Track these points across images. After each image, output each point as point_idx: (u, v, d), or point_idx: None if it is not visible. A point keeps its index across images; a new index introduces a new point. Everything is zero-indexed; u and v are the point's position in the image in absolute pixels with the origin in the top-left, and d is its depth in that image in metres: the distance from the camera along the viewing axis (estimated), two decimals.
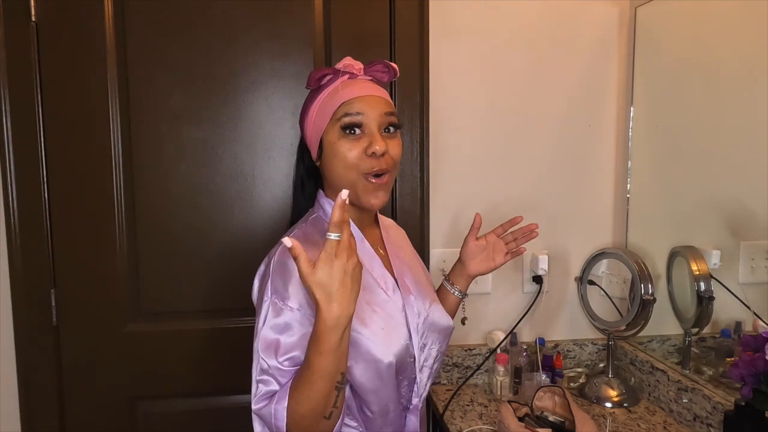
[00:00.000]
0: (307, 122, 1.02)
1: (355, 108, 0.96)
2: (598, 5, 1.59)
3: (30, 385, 1.44)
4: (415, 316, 1.05)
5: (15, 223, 1.39)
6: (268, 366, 0.91)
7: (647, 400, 1.48)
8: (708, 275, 1.33)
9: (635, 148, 1.60)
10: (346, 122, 0.96)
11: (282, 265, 0.94)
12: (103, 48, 1.39)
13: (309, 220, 1.05)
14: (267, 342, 0.92)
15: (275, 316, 0.92)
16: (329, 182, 1.03)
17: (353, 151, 0.96)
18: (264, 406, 0.89)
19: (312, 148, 1.03)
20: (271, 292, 0.93)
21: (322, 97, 1.00)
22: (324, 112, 0.99)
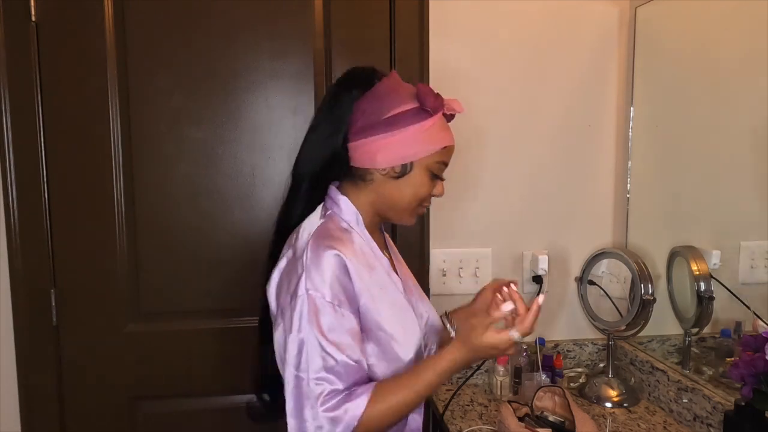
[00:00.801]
0: (396, 135, 1.00)
1: (447, 158, 1.06)
2: (598, 5, 1.59)
3: (30, 385, 1.44)
4: (419, 317, 1.07)
5: (15, 223, 1.39)
6: (336, 362, 0.92)
7: (647, 400, 1.48)
8: (708, 275, 1.33)
9: (635, 148, 1.60)
10: (438, 170, 1.05)
11: (319, 260, 0.94)
12: (103, 48, 1.39)
13: (326, 216, 1.04)
14: (327, 338, 0.92)
15: (322, 312, 0.92)
16: (382, 195, 1.04)
17: (429, 189, 1.06)
18: (336, 405, 0.90)
19: (385, 161, 1.01)
20: (307, 288, 0.93)
21: (428, 125, 1.01)
22: (429, 143, 1.02)
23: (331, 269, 0.94)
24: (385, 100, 1.01)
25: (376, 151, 1.01)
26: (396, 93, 1.02)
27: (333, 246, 0.96)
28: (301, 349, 0.92)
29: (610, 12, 1.60)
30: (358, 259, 0.99)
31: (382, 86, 1.03)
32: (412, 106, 1.01)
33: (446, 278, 1.59)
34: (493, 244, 1.62)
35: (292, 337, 0.93)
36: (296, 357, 0.93)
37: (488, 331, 0.94)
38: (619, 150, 1.64)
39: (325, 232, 0.99)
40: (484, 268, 1.61)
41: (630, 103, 1.60)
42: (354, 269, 0.96)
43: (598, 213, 1.66)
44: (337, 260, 0.95)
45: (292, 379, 0.93)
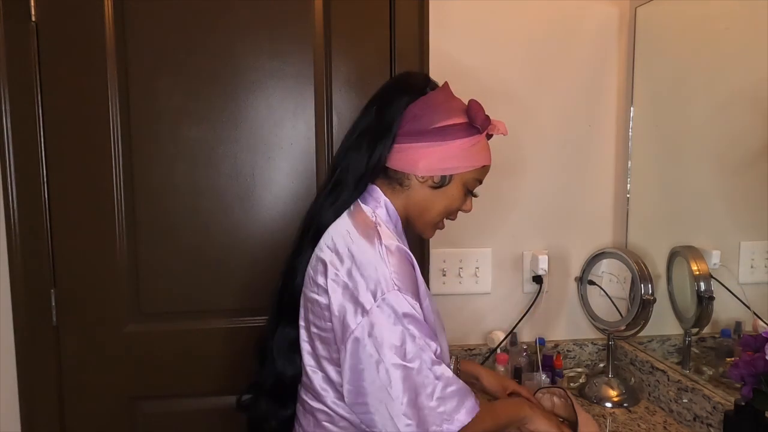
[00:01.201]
0: (442, 146, 1.03)
1: (483, 177, 1.10)
2: (598, 5, 1.59)
3: (30, 385, 1.44)
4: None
5: (15, 223, 1.39)
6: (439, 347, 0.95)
7: (647, 400, 1.48)
8: (708, 275, 1.33)
9: (635, 148, 1.60)
10: (473, 186, 1.10)
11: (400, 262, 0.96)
12: (103, 48, 1.39)
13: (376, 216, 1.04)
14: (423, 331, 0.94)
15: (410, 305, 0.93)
16: (419, 205, 1.07)
17: (461, 204, 1.09)
18: (453, 404, 0.94)
19: (426, 169, 1.04)
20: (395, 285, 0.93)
21: (473, 141, 1.05)
22: (472, 159, 1.06)
23: (405, 266, 0.96)
24: (437, 110, 1.04)
25: (420, 158, 1.03)
26: (448, 104, 1.05)
27: (402, 247, 0.98)
28: (404, 340, 0.92)
29: (610, 12, 1.60)
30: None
31: (435, 95, 1.06)
32: (462, 120, 1.04)
33: (446, 278, 1.59)
34: (493, 244, 1.62)
35: (390, 332, 0.92)
36: (400, 349, 0.92)
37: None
38: (619, 150, 1.64)
39: (387, 231, 1.01)
40: (484, 268, 1.61)
41: (630, 103, 1.60)
42: (418, 270, 1.00)
43: (598, 213, 1.66)
44: (409, 258, 0.98)
45: (400, 371, 0.91)
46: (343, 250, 0.98)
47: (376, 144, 1.03)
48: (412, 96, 1.04)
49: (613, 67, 1.62)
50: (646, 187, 1.58)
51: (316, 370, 1.03)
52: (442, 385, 0.93)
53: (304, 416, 1.08)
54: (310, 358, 1.04)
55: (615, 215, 1.67)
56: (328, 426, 1.03)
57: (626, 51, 1.61)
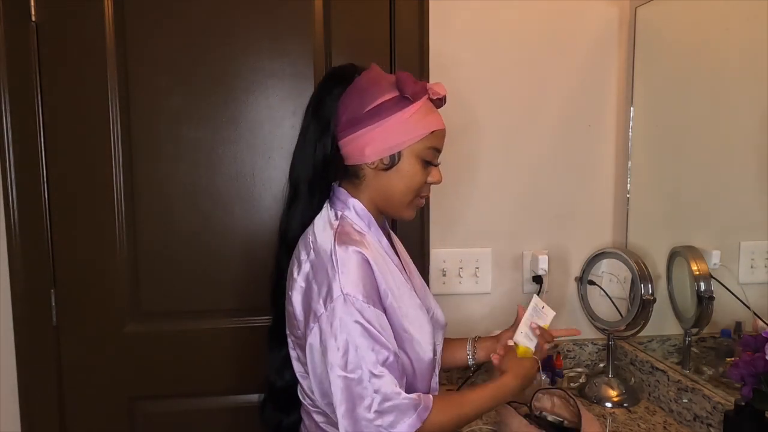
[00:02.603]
0: (380, 126, 0.99)
1: (438, 143, 1.04)
2: (598, 5, 1.59)
3: (30, 385, 1.44)
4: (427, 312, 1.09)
5: (15, 223, 1.39)
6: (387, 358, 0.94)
7: (647, 400, 1.48)
8: (708, 275, 1.33)
9: (635, 148, 1.60)
10: (431, 157, 1.04)
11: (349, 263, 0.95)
12: (103, 48, 1.39)
13: (340, 218, 1.03)
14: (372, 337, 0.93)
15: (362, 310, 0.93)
16: (377, 190, 1.04)
17: (423, 178, 1.04)
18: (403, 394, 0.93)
19: (372, 154, 1.01)
20: (343, 290, 0.93)
21: (411, 111, 1.00)
22: (414, 130, 1.01)
23: (360, 269, 0.95)
24: (365, 93, 1.00)
25: (364, 145, 1.00)
26: (376, 84, 1.01)
27: (358, 248, 0.97)
28: (347, 349, 0.92)
29: (610, 12, 1.60)
30: (377, 260, 0.99)
31: (362, 80, 1.02)
32: (392, 95, 1.00)
33: (446, 278, 1.59)
34: (493, 244, 1.62)
35: (335, 340, 0.92)
36: (341, 358, 0.92)
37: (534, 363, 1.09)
38: (619, 150, 1.64)
39: (348, 234, 0.99)
40: (484, 268, 1.61)
41: (630, 103, 1.60)
42: (377, 269, 0.98)
43: (598, 213, 1.66)
44: (364, 260, 0.96)
45: (340, 380, 0.92)
46: (303, 257, 1.01)
47: (315, 145, 1.02)
48: (342, 87, 1.02)
49: (613, 67, 1.62)
50: (646, 187, 1.58)
51: (304, 376, 1.05)
52: (380, 399, 0.91)
53: (308, 418, 1.09)
54: (297, 365, 1.07)
55: (615, 215, 1.66)
56: (327, 428, 1.05)
57: (626, 51, 1.61)
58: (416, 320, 1.03)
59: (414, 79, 1.00)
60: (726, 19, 1.33)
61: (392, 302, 0.99)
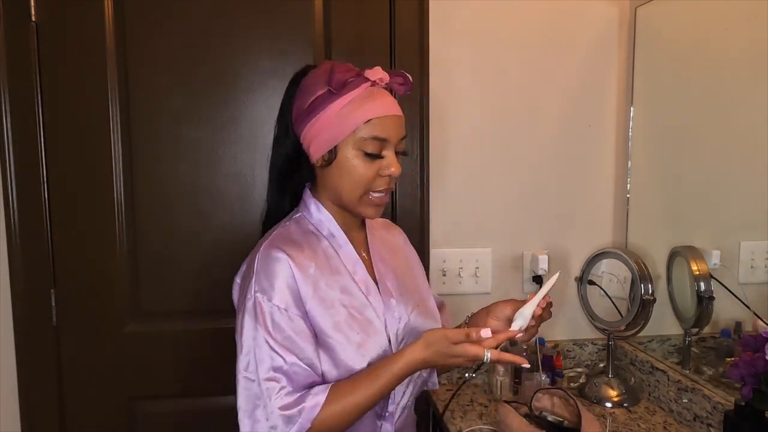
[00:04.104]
0: (316, 123, 0.97)
1: (382, 132, 0.96)
2: (598, 5, 1.59)
3: (30, 385, 1.44)
4: (396, 320, 1.04)
5: (15, 223, 1.39)
6: (285, 362, 0.91)
7: (647, 400, 1.48)
8: (708, 275, 1.33)
9: (635, 148, 1.60)
10: (371, 148, 0.96)
11: (267, 263, 0.95)
12: (103, 48, 1.39)
13: (293, 219, 1.04)
14: (275, 338, 0.92)
15: (269, 314, 0.93)
16: (329, 189, 1.01)
17: (370, 171, 0.97)
18: (291, 404, 0.90)
19: (316, 151, 0.98)
20: (255, 290, 0.94)
21: (343, 103, 0.95)
22: (345, 122, 0.95)
23: (278, 272, 0.94)
24: (305, 91, 0.98)
25: (309, 143, 0.99)
26: (314, 80, 0.98)
27: (282, 249, 0.95)
28: (249, 350, 0.93)
29: (610, 12, 1.60)
30: (318, 264, 0.98)
31: (307, 78, 1.00)
32: (323, 90, 0.96)
33: (446, 278, 1.59)
34: (493, 244, 1.62)
35: (241, 339, 0.94)
36: (245, 358, 0.93)
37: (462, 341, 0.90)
38: (619, 150, 1.64)
39: (282, 236, 0.99)
40: (484, 268, 1.61)
41: (630, 103, 1.60)
42: (300, 274, 0.95)
43: (598, 213, 1.66)
44: (284, 263, 0.94)
45: (242, 380, 0.93)
46: (248, 257, 1.02)
47: (279, 147, 1.03)
48: (295, 88, 1.01)
49: (613, 67, 1.62)
50: (646, 187, 1.58)
51: None
52: (270, 404, 0.91)
53: None
54: None
55: (615, 215, 1.66)
56: None
57: (626, 51, 1.61)
58: (354, 326, 0.97)
59: (344, 69, 0.96)
60: (726, 19, 1.33)
61: (313, 308, 0.95)
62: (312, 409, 0.90)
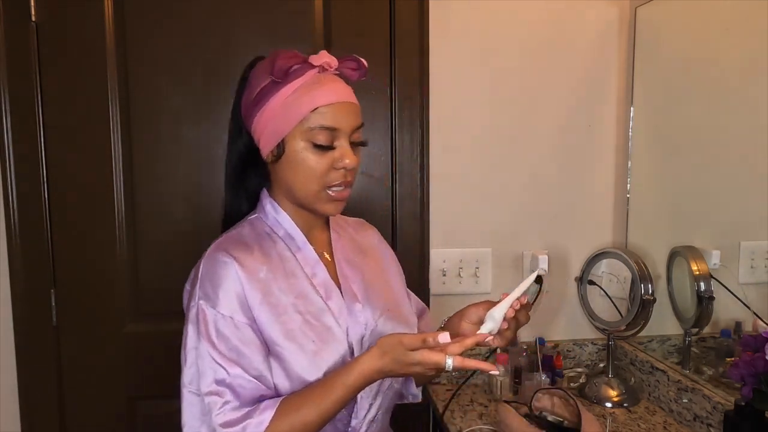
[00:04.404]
0: (262, 116, 0.90)
1: (331, 121, 0.89)
2: (598, 5, 1.59)
3: (30, 385, 1.44)
4: (361, 326, 0.96)
5: (15, 223, 1.39)
6: (228, 375, 0.85)
7: (647, 400, 1.48)
8: (708, 275, 1.33)
9: (635, 148, 1.60)
10: (321, 138, 0.89)
11: (211, 268, 0.89)
12: (103, 48, 1.39)
13: (248, 221, 0.98)
14: (218, 349, 0.86)
15: (214, 322, 0.87)
16: (282, 186, 0.95)
17: (322, 164, 0.89)
18: (237, 419, 0.83)
19: (265, 146, 0.92)
20: (199, 297, 0.89)
21: (288, 92, 0.89)
22: (290, 113, 0.88)
23: (224, 277, 0.88)
24: (251, 84, 0.93)
25: (259, 138, 0.92)
26: (259, 72, 0.93)
27: (229, 252, 0.90)
28: (193, 362, 0.89)
29: (610, 12, 1.60)
30: (272, 267, 0.92)
31: (253, 71, 0.95)
32: (267, 80, 0.90)
33: (446, 278, 1.59)
34: (493, 244, 1.62)
35: (185, 351, 0.90)
36: (188, 371, 0.89)
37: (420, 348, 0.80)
38: (619, 150, 1.64)
39: (232, 238, 0.94)
40: (484, 268, 1.61)
41: (630, 103, 1.60)
42: (248, 278, 0.89)
43: (598, 213, 1.66)
44: (230, 267, 0.88)
45: (187, 395, 0.90)
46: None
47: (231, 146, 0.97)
48: (243, 84, 0.96)
49: (613, 67, 1.62)
50: (646, 187, 1.58)
51: None
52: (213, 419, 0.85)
53: None
54: None
55: (615, 215, 1.66)
56: None
57: (626, 51, 1.61)
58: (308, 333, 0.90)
59: (288, 56, 0.90)
60: (726, 19, 1.33)
61: (262, 314, 0.89)
62: (257, 427, 0.83)
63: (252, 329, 0.88)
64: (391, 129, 1.51)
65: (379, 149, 1.52)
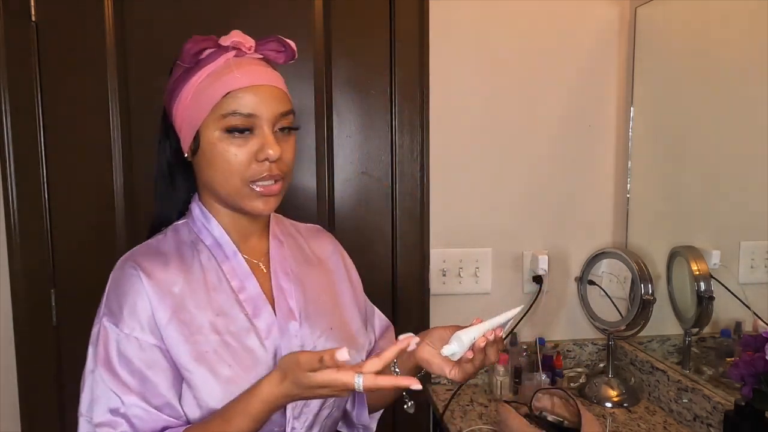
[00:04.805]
0: (179, 108, 0.82)
1: (246, 106, 0.79)
2: (598, 5, 1.59)
3: (30, 385, 1.44)
4: (297, 348, 0.85)
5: (15, 223, 1.39)
6: (122, 404, 0.76)
7: (647, 400, 1.48)
8: (708, 275, 1.33)
9: (635, 148, 1.60)
10: (234, 125, 0.79)
11: (118, 281, 0.82)
12: (103, 48, 1.39)
13: (172, 227, 0.89)
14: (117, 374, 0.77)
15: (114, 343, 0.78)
16: (205, 185, 0.85)
17: (240, 155, 0.79)
18: None
19: (184, 141, 0.83)
20: (102, 314, 0.81)
21: (200, 78, 0.80)
22: (202, 100, 0.80)
23: (129, 291, 0.80)
24: (169, 77, 0.86)
25: (179, 135, 0.85)
26: (175, 63, 0.85)
27: (138, 263, 0.81)
28: (89, 387, 0.79)
29: (610, 12, 1.60)
30: (191, 280, 0.82)
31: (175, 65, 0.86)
32: (180, 70, 0.83)
33: (446, 278, 1.59)
34: (493, 244, 1.61)
35: (84, 373, 0.81)
36: (84, 395, 0.80)
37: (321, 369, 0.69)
38: (619, 150, 1.64)
39: (148, 247, 0.85)
40: (484, 268, 1.61)
41: (630, 103, 1.60)
42: (157, 293, 0.80)
43: (598, 213, 1.66)
44: (136, 281, 0.80)
45: (83, 423, 0.80)
46: None
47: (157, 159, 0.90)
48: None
49: (613, 67, 1.62)
50: (646, 187, 1.58)
51: None
52: None
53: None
54: None
55: (615, 215, 1.66)
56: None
57: (626, 51, 1.61)
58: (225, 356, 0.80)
59: (199, 39, 0.81)
60: (726, 19, 1.33)
61: (175, 335, 0.79)
62: None
63: (161, 351, 0.79)
64: (391, 129, 1.51)
65: (379, 149, 1.52)
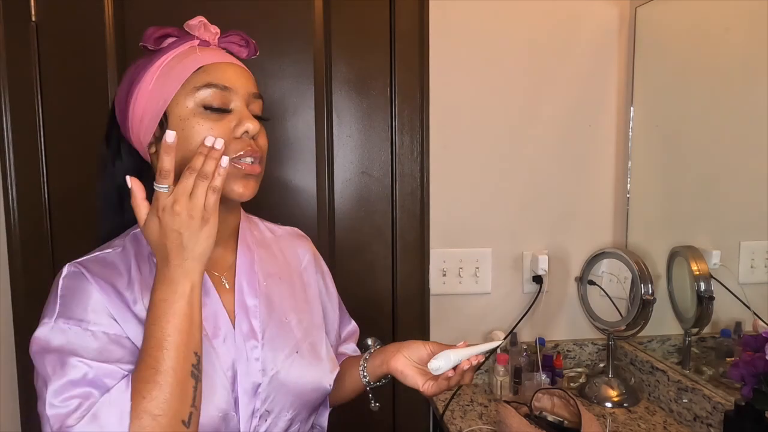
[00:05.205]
0: (137, 96, 0.77)
1: (221, 78, 0.75)
2: (598, 5, 1.59)
3: (30, 386, 1.44)
4: (257, 373, 0.79)
5: (15, 223, 1.39)
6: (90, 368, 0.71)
7: (647, 400, 1.48)
8: (708, 275, 1.33)
9: (635, 148, 1.60)
10: (211, 98, 0.75)
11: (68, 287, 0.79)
12: (103, 48, 1.39)
13: (130, 235, 0.85)
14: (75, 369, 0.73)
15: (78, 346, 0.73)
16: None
17: (216, 130, 0.74)
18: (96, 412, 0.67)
19: (146, 131, 0.78)
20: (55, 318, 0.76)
21: (167, 59, 0.76)
22: (171, 76, 0.75)
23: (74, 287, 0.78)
24: (121, 84, 0.82)
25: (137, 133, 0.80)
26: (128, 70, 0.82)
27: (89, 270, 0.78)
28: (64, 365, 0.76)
29: (610, 12, 1.60)
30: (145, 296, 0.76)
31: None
32: (137, 62, 0.81)
33: (446, 278, 1.59)
34: (493, 244, 1.62)
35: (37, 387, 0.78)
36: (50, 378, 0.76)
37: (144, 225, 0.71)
38: (619, 150, 1.64)
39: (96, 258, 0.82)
40: (484, 268, 1.61)
41: (630, 103, 1.60)
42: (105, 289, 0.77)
43: (598, 213, 1.66)
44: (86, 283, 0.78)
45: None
46: None
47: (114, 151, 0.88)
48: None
49: (613, 67, 1.62)
50: (646, 187, 1.58)
51: None
52: None
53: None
54: None
55: (615, 215, 1.67)
56: None
57: (626, 51, 1.61)
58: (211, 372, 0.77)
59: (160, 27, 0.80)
60: (726, 19, 1.33)
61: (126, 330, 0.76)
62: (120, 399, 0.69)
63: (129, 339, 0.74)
64: (391, 129, 1.51)
65: (379, 149, 1.52)
